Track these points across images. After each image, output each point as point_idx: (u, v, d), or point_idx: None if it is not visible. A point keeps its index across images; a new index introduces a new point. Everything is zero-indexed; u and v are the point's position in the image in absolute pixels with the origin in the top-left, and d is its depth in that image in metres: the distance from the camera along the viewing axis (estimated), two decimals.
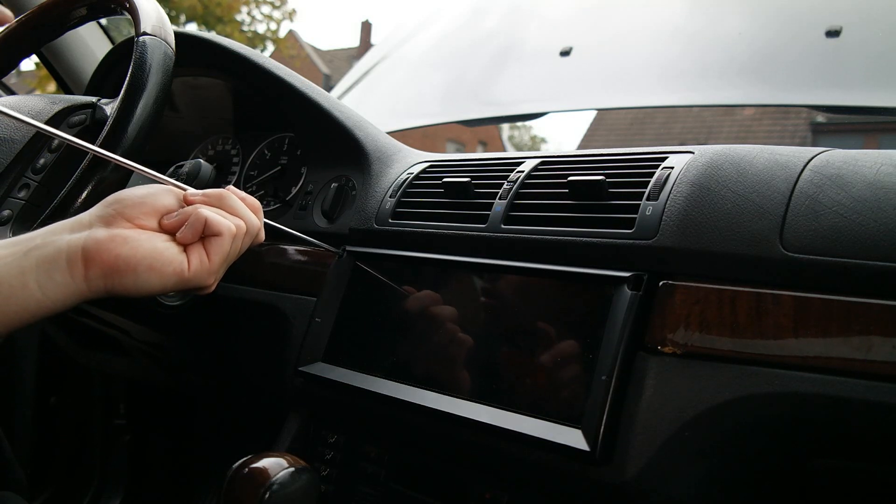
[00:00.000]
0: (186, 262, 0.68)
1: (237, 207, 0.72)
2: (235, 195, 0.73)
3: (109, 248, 0.64)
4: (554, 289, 0.77)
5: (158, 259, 0.66)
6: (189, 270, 0.68)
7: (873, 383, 0.58)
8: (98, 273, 0.64)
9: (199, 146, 1.37)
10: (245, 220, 0.72)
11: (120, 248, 0.64)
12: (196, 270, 0.68)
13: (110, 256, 0.64)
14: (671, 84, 1.67)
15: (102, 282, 0.64)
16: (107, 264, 0.64)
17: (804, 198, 0.67)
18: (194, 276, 0.68)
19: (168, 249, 0.67)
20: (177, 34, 0.89)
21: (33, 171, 0.90)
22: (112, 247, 0.64)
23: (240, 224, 0.71)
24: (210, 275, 0.69)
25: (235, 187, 0.81)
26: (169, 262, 0.66)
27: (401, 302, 0.89)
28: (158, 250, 0.66)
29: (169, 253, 0.67)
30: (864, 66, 1.44)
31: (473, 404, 0.77)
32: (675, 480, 0.67)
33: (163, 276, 0.66)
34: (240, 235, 0.71)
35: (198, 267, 0.68)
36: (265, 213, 1.18)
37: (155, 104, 0.82)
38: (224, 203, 0.72)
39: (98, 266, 0.63)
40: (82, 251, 0.63)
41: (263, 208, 1.19)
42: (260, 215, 0.76)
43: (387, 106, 2.03)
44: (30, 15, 0.98)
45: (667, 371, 0.68)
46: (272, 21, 17.54)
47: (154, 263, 0.65)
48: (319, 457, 0.95)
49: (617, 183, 0.79)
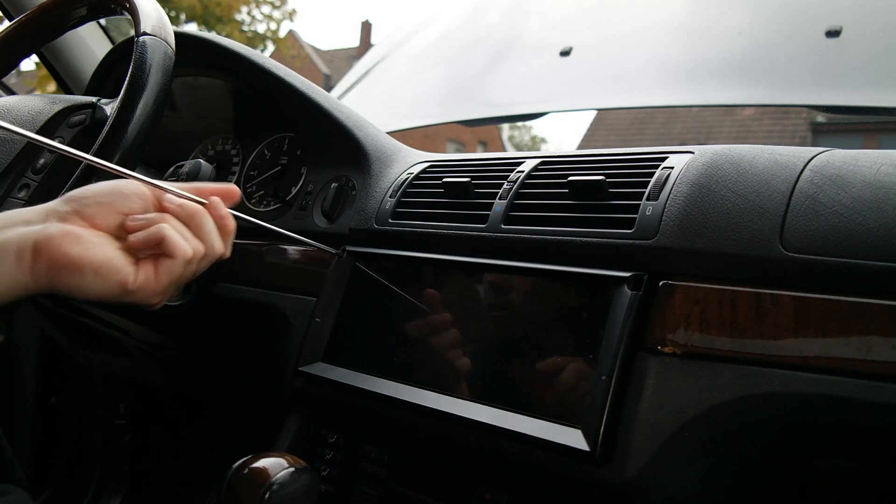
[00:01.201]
0: (133, 275, 0.65)
1: (205, 230, 0.70)
2: (214, 214, 0.71)
3: (60, 244, 0.63)
4: (554, 289, 0.77)
5: (106, 265, 0.64)
6: (133, 284, 0.65)
7: (873, 383, 0.58)
8: (44, 268, 0.62)
9: (199, 146, 1.37)
10: (206, 245, 0.70)
11: (70, 247, 0.63)
12: (141, 286, 0.66)
13: (59, 253, 0.62)
14: (671, 84, 1.67)
15: (47, 277, 0.63)
16: (54, 261, 0.62)
17: (804, 198, 0.67)
18: (138, 291, 0.66)
19: (118, 258, 0.65)
20: (177, 34, 0.89)
21: (33, 171, 0.90)
22: (62, 244, 0.63)
23: (198, 249, 0.69)
24: (155, 295, 0.67)
25: (238, 187, 0.80)
26: (116, 271, 0.64)
27: (401, 302, 0.89)
28: (108, 256, 0.64)
29: (118, 261, 0.65)
30: (864, 66, 1.44)
31: (473, 404, 0.77)
32: (675, 480, 0.67)
33: (106, 283, 0.64)
34: (195, 260, 0.69)
35: (143, 283, 0.66)
36: (265, 213, 1.18)
37: (155, 104, 0.82)
38: (193, 222, 0.69)
39: (46, 261, 0.62)
40: (33, 244, 0.62)
41: (263, 208, 1.20)
42: (229, 239, 0.73)
43: (387, 106, 2.03)
44: (30, 15, 0.97)
45: (667, 371, 0.68)
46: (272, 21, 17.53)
47: (101, 269, 0.64)
48: (319, 457, 0.95)
49: (617, 183, 0.79)
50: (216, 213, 0.71)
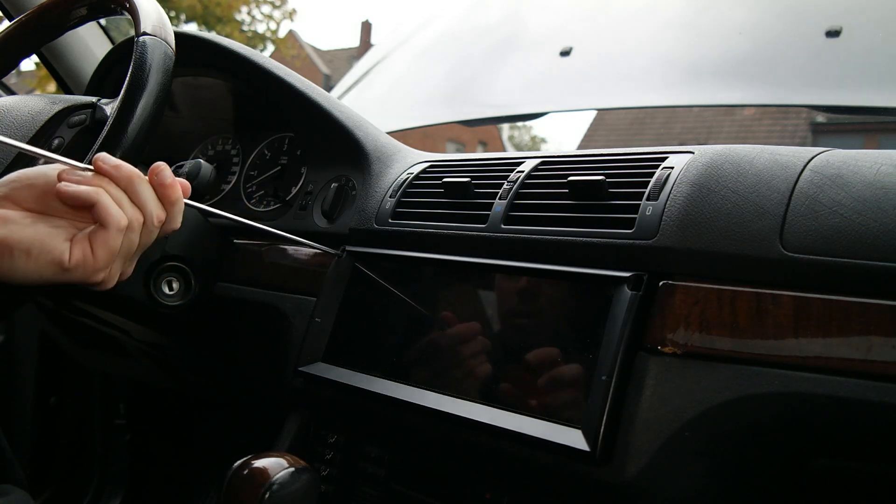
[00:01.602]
0: (68, 253, 0.62)
1: (141, 195, 0.65)
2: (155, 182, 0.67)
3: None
4: (554, 289, 0.77)
5: (36, 245, 0.61)
6: (70, 262, 0.62)
7: (873, 383, 0.58)
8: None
9: (199, 146, 1.37)
10: (145, 214, 0.66)
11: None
12: (77, 263, 0.63)
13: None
14: (671, 84, 1.67)
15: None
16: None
17: (804, 198, 0.67)
18: (75, 269, 0.63)
19: (50, 236, 0.62)
20: (177, 34, 0.89)
21: None
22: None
23: (135, 217, 0.65)
24: (96, 271, 0.64)
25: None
26: (48, 251, 0.62)
27: (401, 302, 0.89)
28: (39, 236, 0.62)
29: (49, 240, 0.62)
30: (864, 66, 1.44)
31: (473, 404, 0.77)
32: (675, 480, 0.67)
33: (39, 263, 0.62)
34: (134, 229, 0.65)
35: (79, 260, 0.63)
36: (265, 213, 1.18)
37: (155, 104, 0.82)
38: (130, 187, 0.65)
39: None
40: None
41: (263, 208, 1.20)
42: (173, 209, 0.68)
43: (387, 106, 2.03)
44: (30, 15, 0.97)
45: (667, 371, 0.68)
46: (272, 21, 17.53)
47: (31, 249, 0.61)
48: (319, 457, 0.95)
49: (617, 183, 0.79)
50: (158, 181, 0.68)
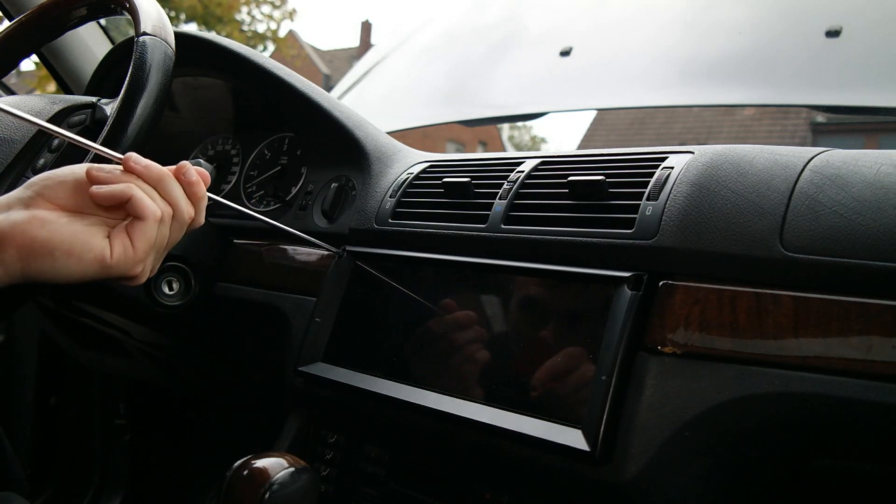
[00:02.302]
0: (109, 249, 0.63)
1: (171, 192, 0.68)
2: (183, 180, 0.69)
3: (25, 230, 0.61)
4: (554, 289, 0.77)
5: (78, 244, 0.62)
6: (112, 258, 0.63)
7: (873, 383, 0.58)
8: (13, 256, 0.61)
9: (199, 146, 1.37)
10: (175, 207, 0.68)
11: (37, 231, 0.61)
12: (119, 258, 0.64)
13: (25, 239, 0.61)
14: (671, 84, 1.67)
15: (19, 265, 0.61)
16: (22, 247, 0.61)
17: (804, 198, 0.67)
18: (118, 264, 0.64)
19: (89, 234, 0.63)
20: (177, 34, 0.89)
21: (33, 171, 0.90)
22: (28, 229, 0.61)
23: (167, 210, 0.67)
24: (136, 263, 0.65)
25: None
26: (89, 249, 0.63)
27: (400, 302, 0.89)
28: (78, 235, 0.62)
29: (89, 237, 0.63)
30: (864, 66, 1.44)
31: (473, 404, 0.77)
32: (675, 480, 0.67)
33: (82, 262, 0.62)
34: (166, 221, 0.67)
35: (121, 254, 0.64)
36: (265, 213, 1.18)
37: (155, 104, 0.82)
38: (161, 185, 0.67)
39: (13, 248, 0.60)
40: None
41: (263, 208, 1.20)
42: (199, 205, 0.71)
43: (387, 106, 2.03)
44: (30, 15, 0.97)
45: (667, 371, 0.68)
46: (272, 21, 17.52)
47: (73, 249, 0.62)
48: (319, 457, 0.95)
49: (617, 183, 0.79)
50: (185, 179, 0.70)
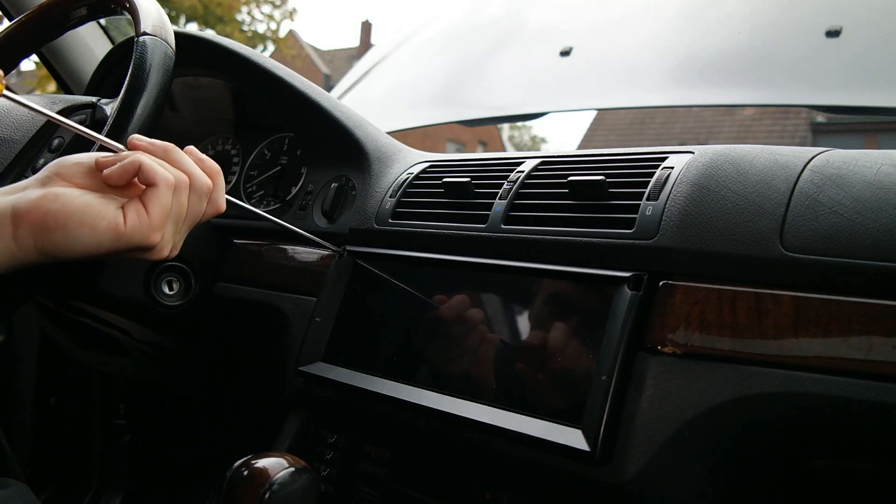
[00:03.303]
0: (122, 217, 0.63)
1: (182, 161, 0.68)
2: (191, 154, 0.70)
3: (39, 204, 0.61)
4: (554, 289, 0.77)
5: (90, 213, 0.62)
6: (125, 225, 0.63)
7: (873, 383, 0.58)
8: (27, 231, 0.61)
9: (199, 146, 1.37)
10: (189, 175, 0.67)
11: (49, 205, 0.61)
12: (133, 225, 0.63)
13: (39, 213, 0.61)
14: (671, 84, 1.67)
15: (32, 240, 0.61)
16: (35, 221, 0.61)
17: (804, 198, 0.67)
18: (132, 232, 0.63)
19: (101, 204, 0.63)
20: (177, 34, 0.89)
21: (33, 170, 0.90)
22: (42, 203, 0.61)
23: (180, 176, 0.66)
24: (151, 230, 0.64)
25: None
26: (102, 217, 0.62)
27: (400, 302, 0.89)
28: (90, 204, 0.62)
29: (101, 207, 0.63)
30: (864, 66, 1.44)
31: (473, 404, 0.77)
32: (675, 480, 0.67)
33: (95, 231, 0.62)
34: (181, 188, 0.66)
35: (135, 221, 0.63)
36: (265, 213, 1.18)
37: (155, 104, 0.82)
38: (168, 156, 0.67)
39: (27, 224, 0.61)
40: (12, 210, 0.61)
41: (263, 208, 1.20)
42: (217, 178, 0.71)
43: (387, 106, 2.03)
44: (30, 15, 0.97)
45: (667, 371, 0.68)
46: (272, 21, 17.53)
47: (85, 218, 0.62)
48: (319, 457, 0.95)
49: (617, 183, 0.79)
50: (195, 156, 0.70)
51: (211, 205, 0.71)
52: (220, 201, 0.72)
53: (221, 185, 0.73)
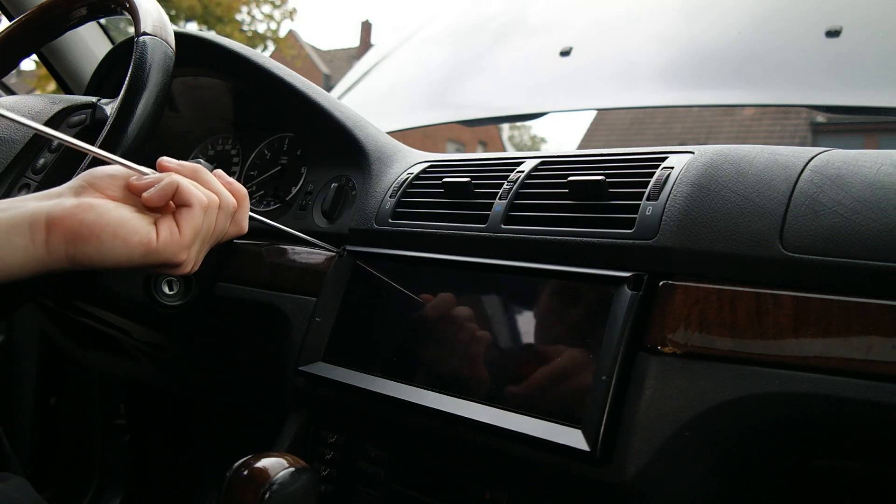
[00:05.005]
0: (155, 233, 0.65)
1: (211, 182, 0.70)
2: (219, 177, 0.72)
3: (74, 213, 0.62)
4: (554, 289, 0.77)
5: (124, 227, 0.63)
6: (157, 241, 0.64)
7: (873, 383, 0.58)
8: (60, 239, 0.62)
9: (199, 146, 1.37)
10: (219, 196, 0.70)
11: (85, 215, 0.62)
12: (165, 242, 0.65)
13: (74, 222, 0.62)
14: (671, 84, 1.67)
15: (63, 248, 0.62)
16: (69, 230, 0.62)
17: (804, 198, 0.67)
18: (163, 248, 0.65)
19: (135, 218, 0.64)
20: (177, 34, 0.89)
21: (33, 171, 0.90)
22: (77, 212, 0.62)
23: (212, 197, 0.69)
24: (181, 249, 0.66)
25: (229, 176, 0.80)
26: (135, 231, 0.63)
27: (401, 302, 0.89)
28: (125, 218, 0.63)
29: (136, 222, 0.64)
30: (864, 66, 1.43)
31: (474, 404, 0.77)
32: (675, 480, 0.67)
33: (128, 245, 0.63)
34: (212, 209, 0.68)
35: (167, 238, 0.65)
36: (265, 213, 1.18)
37: (155, 104, 0.82)
38: (198, 176, 0.69)
39: (60, 232, 0.61)
40: (46, 216, 0.62)
41: (263, 208, 1.20)
42: (243, 202, 0.74)
43: (387, 106, 2.03)
44: (30, 15, 0.97)
45: (667, 371, 0.68)
46: (272, 21, 17.53)
47: (119, 231, 0.63)
48: (319, 457, 0.95)
49: (617, 183, 0.79)
50: (223, 179, 0.72)
51: (234, 225, 0.74)
52: (243, 222, 0.75)
53: (246, 208, 0.75)
